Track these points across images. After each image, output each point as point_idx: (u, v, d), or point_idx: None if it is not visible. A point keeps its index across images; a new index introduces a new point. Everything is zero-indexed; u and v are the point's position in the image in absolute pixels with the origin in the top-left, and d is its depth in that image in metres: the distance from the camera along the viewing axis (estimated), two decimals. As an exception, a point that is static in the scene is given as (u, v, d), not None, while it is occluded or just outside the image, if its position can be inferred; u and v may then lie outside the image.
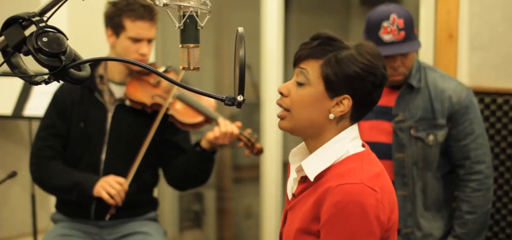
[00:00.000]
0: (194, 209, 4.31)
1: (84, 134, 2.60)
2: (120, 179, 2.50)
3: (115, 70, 2.63)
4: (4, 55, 1.29)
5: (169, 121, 2.61)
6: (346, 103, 1.53)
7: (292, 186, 1.64)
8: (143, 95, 2.59)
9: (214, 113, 2.63)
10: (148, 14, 2.54)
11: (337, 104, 1.53)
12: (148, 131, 2.57)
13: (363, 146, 1.60)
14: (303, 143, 1.65)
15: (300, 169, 1.57)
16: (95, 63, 2.58)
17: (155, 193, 2.85)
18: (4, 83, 3.25)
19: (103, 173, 2.58)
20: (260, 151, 2.68)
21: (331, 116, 1.53)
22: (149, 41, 2.56)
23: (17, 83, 3.24)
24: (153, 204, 2.79)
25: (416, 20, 2.96)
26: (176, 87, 2.59)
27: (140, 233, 2.64)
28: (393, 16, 2.41)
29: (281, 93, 1.58)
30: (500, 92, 2.93)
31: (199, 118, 2.62)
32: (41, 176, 2.61)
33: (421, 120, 2.49)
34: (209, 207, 4.34)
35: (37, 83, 1.27)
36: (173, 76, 2.65)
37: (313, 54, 1.53)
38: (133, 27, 2.52)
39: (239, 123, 2.61)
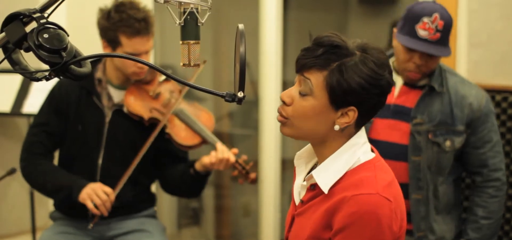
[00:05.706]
0: (192, 206, 4.31)
1: (82, 138, 2.56)
2: (108, 189, 2.43)
3: (113, 74, 2.59)
4: (5, 52, 1.29)
5: (166, 136, 2.58)
6: (351, 115, 1.50)
7: (299, 191, 1.63)
8: (141, 108, 2.54)
9: (212, 137, 2.57)
10: (144, 28, 2.45)
11: (342, 115, 1.51)
12: (144, 143, 2.52)
13: (372, 150, 1.59)
14: (309, 146, 1.64)
15: (310, 178, 1.56)
16: (93, 66, 2.54)
17: (153, 189, 2.85)
18: (3, 80, 3.25)
19: (99, 177, 2.55)
20: (254, 181, 2.61)
21: (336, 127, 1.51)
22: (146, 52, 2.51)
23: (16, 80, 3.24)
24: (151, 200, 2.78)
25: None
26: (175, 103, 2.57)
27: (140, 231, 2.64)
28: (435, 14, 2.32)
29: (283, 102, 1.54)
30: (498, 89, 2.93)
31: (196, 141, 2.57)
32: (30, 173, 2.58)
33: (439, 124, 2.43)
34: (208, 204, 4.35)
35: (38, 80, 1.28)
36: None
37: (317, 64, 1.48)
38: (130, 43, 2.45)
39: (235, 150, 2.55)
